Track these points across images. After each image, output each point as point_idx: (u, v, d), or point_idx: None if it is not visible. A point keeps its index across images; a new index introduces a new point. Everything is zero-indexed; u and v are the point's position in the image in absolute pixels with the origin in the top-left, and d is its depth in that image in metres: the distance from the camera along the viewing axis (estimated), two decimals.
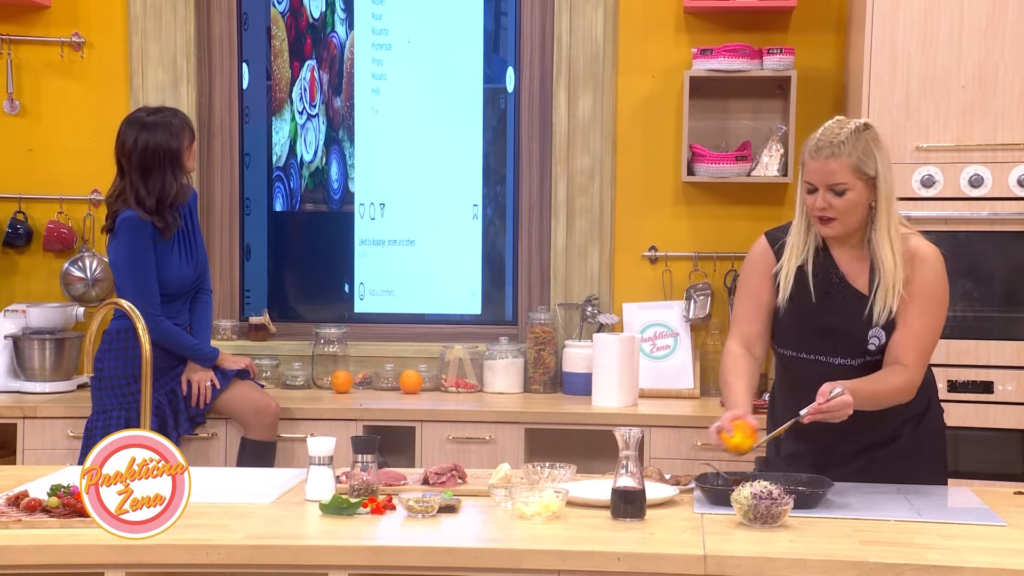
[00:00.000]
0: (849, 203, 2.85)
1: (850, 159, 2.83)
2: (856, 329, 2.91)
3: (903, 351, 2.88)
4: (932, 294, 2.90)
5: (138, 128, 3.95)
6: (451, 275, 4.99)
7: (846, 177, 2.84)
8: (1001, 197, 4.01)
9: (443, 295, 5.00)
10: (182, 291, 4.04)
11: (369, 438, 2.80)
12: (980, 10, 3.97)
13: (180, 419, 4.02)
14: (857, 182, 2.84)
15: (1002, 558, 2.37)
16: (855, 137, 2.84)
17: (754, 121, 4.59)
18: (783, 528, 2.55)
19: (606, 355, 4.25)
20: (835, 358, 2.94)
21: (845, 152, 2.83)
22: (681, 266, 4.67)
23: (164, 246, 3.95)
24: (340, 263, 5.04)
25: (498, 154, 4.94)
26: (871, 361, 2.92)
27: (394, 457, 4.29)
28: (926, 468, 3.00)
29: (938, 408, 3.08)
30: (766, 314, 3.02)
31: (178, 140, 3.95)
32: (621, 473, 2.62)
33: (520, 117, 4.82)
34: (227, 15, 4.88)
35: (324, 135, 5.03)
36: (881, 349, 2.91)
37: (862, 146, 2.84)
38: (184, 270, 4.01)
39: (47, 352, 4.52)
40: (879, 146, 2.87)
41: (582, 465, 3.19)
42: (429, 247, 4.99)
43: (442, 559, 2.43)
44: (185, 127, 4.01)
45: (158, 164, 3.93)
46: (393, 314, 4.99)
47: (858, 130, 2.86)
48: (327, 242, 5.10)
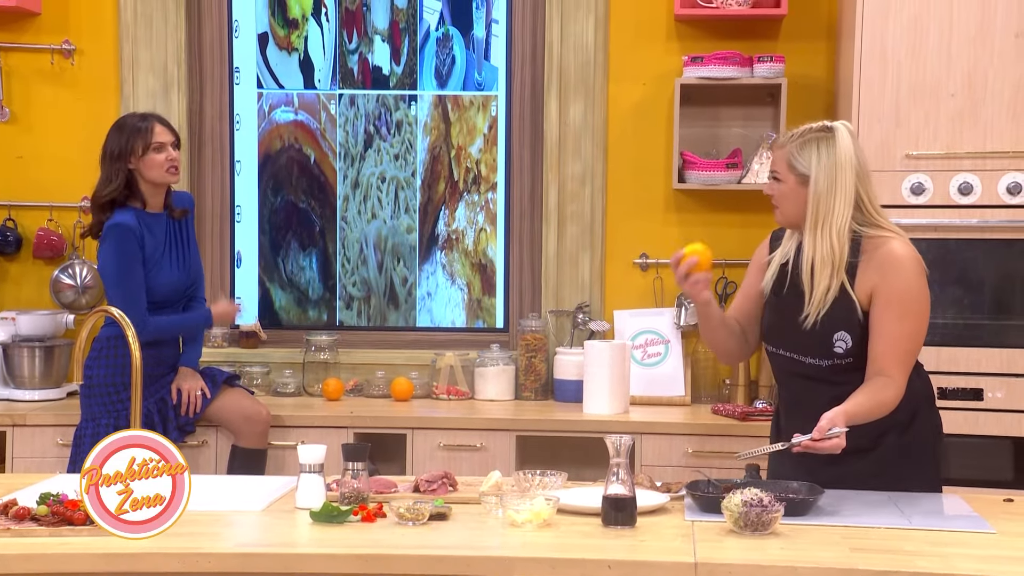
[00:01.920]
0: (780, 193, 2.96)
1: (785, 151, 2.94)
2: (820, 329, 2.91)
3: (884, 361, 2.87)
4: (908, 299, 2.88)
5: (114, 127, 3.98)
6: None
7: (780, 167, 2.96)
8: (990, 205, 4.02)
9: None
10: (173, 299, 4.02)
11: (360, 446, 2.79)
12: (969, 18, 3.98)
13: (169, 427, 4.00)
14: (789, 175, 2.94)
15: (992, 565, 2.38)
16: (805, 135, 2.93)
17: (745, 129, 4.60)
18: (773, 535, 2.55)
19: (597, 362, 4.25)
20: (805, 357, 2.97)
21: (786, 145, 2.94)
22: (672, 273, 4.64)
23: (155, 253, 3.94)
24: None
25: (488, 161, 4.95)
26: (839, 364, 2.93)
27: (385, 465, 4.29)
28: (915, 475, 2.99)
29: (929, 415, 3.05)
30: (752, 301, 3.12)
31: (128, 142, 3.91)
32: (612, 480, 2.62)
33: (511, 124, 4.82)
34: (218, 23, 4.88)
35: None
36: (850, 352, 2.91)
37: (806, 145, 2.91)
38: (175, 277, 4.00)
39: (36, 360, 4.51)
40: (829, 149, 2.89)
41: (573, 472, 3.20)
42: None
43: (433, 567, 2.43)
44: (138, 135, 3.91)
45: (113, 162, 3.92)
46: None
47: (815, 129, 2.94)
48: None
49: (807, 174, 2.90)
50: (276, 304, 5.01)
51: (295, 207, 4.99)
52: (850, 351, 2.91)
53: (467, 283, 4.95)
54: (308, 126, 4.98)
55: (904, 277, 2.88)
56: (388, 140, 4.94)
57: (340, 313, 4.98)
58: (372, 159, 4.95)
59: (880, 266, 2.88)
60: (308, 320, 5.01)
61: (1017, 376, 4.01)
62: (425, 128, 4.93)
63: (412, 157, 4.94)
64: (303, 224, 4.99)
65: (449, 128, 4.92)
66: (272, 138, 4.98)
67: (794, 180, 2.92)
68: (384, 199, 4.95)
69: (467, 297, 4.95)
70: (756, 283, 3.10)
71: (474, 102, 4.90)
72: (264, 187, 4.99)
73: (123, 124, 3.99)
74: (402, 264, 4.96)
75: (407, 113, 4.93)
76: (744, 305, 3.14)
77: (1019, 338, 4.03)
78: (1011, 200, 4.00)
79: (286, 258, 5.01)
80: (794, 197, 2.93)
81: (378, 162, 4.95)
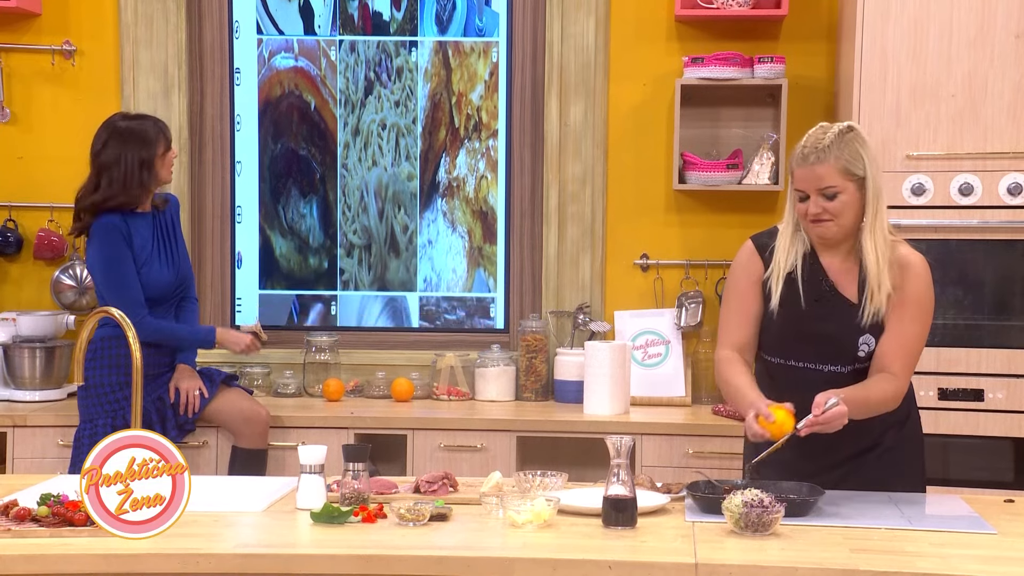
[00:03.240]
0: (842, 204, 2.86)
1: (838, 162, 2.84)
2: (847, 336, 2.91)
3: (891, 359, 2.89)
4: (922, 303, 2.92)
5: (110, 132, 3.96)
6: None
7: (835, 180, 2.85)
8: (991, 205, 4.02)
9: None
10: (163, 298, 4.02)
11: (360, 446, 2.79)
12: (969, 19, 3.98)
13: (168, 427, 4.00)
14: (848, 184, 2.86)
15: (992, 566, 2.38)
16: (840, 140, 2.86)
17: (745, 129, 4.60)
18: (774, 536, 2.55)
19: (598, 363, 4.25)
20: (824, 365, 2.95)
21: (832, 156, 2.84)
22: (672, 274, 4.68)
23: (143, 252, 3.94)
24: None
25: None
26: (860, 368, 2.93)
27: (385, 465, 4.29)
28: (907, 474, 3.01)
29: (917, 415, 3.09)
30: (754, 322, 3.02)
31: (150, 149, 3.94)
32: (612, 481, 2.62)
33: (512, 124, 4.82)
34: (218, 23, 4.88)
35: None
36: (870, 355, 2.92)
37: (848, 148, 2.86)
38: (164, 276, 4.00)
39: (37, 360, 4.51)
40: (865, 147, 2.88)
41: (573, 473, 3.19)
42: None
43: (433, 568, 2.43)
44: (161, 135, 3.99)
45: (125, 168, 3.92)
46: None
47: (842, 132, 2.87)
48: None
49: (863, 175, 2.86)
50: (276, 251, 4.96)
51: (295, 154, 4.93)
52: (870, 353, 2.92)
53: (468, 230, 4.90)
54: (308, 72, 4.93)
55: (921, 282, 2.91)
56: (388, 87, 4.89)
57: (341, 261, 4.93)
58: (372, 106, 4.91)
59: (898, 270, 2.89)
60: (309, 268, 4.95)
61: (1018, 377, 4.01)
62: (426, 75, 4.88)
63: (412, 104, 4.90)
64: (303, 172, 4.93)
65: (450, 75, 4.87)
66: (272, 84, 4.93)
67: (853, 187, 2.86)
68: (385, 146, 4.89)
69: (468, 245, 4.91)
70: (756, 301, 3.00)
71: (475, 48, 4.86)
72: (264, 135, 4.92)
73: (141, 128, 3.96)
74: (403, 212, 4.91)
75: (407, 59, 4.87)
76: (749, 324, 3.02)
77: (1020, 339, 4.03)
78: (1012, 201, 4.00)
79: (286, 206, 4.95)
80: (853, 203, 2.87)
81: (378, 109, 4.89)
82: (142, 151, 3.93)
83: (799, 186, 2.89)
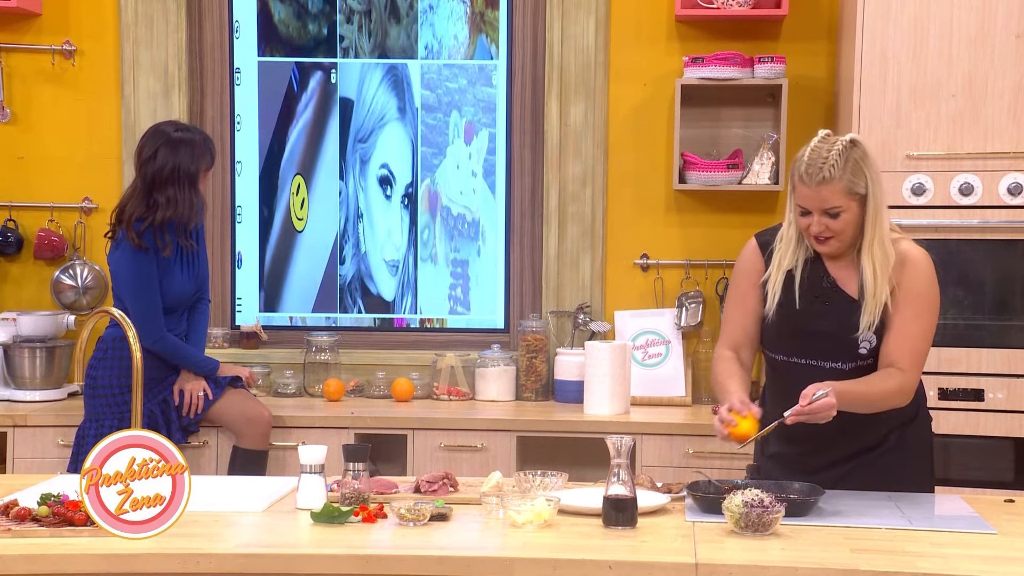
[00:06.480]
0: (844, 223, 2.87)
1: (841, 183, 2.84)
2: (846, 333, 2.92)
3: (898, 355, 2.88)
4: (925, 298, 2.91)
5: (161, 142, 3.95)
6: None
7: (839, 201, 2.85)
8: (991, 205, 4.02)
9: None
10: (180, 304, 4.04)
11: (360, 446, 2.79)
12: (970, 19, 3.98)
13: (172, 428, 4.01)
14: (851, 203, 2.86)
15: (993, 566, 2.38)
16: (843, 158, 2.84)
17: (745, 129, 4.60)
18: (774, 536, 2.55)
19: (598, 363, 4.25)
20: (826, 362, 2.95)
21: (836, 177, 2.83)
22: (673, 274, 4.68)
23: (166, 261, 3.95)
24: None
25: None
26: (863, 365, 2.93)
27: (386, 465, 4.29)
28: (912, 475, 3.01)
29: (926, 416, 3.08)
30: (753, 320, 3.03)
31: (197, 163, 3.96)
32: (613, 481, 2.62)
33: (512, 124, 4.82)
34: (218, 23, 4.88)
35: None
36: (873, 352, 2.92)
37: (851, 167, 2.84)
38: (184, 285, 4.01)
39: (37, 360, 4.51)
40: (867, 162, 2.87)
41: (574, 473, 3.19)
42: None
43: (433, 568, 2.43)
44: (207, 151, 4.01)
45: (175, 183, 3.92)
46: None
47: (846, 149, 2.85)
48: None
49: (865, 193, 2.86)
50: (275, 17, 4.86)
51: None
52: (872, 351, 2.92)
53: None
54: None
55: (922, 277, 2.91)
56: None
57: (340, 27, 4.83)
58: None
59: (900, 266, 2.90)
60: (308, 34, 4.85)
61: (1018, 377, 4.01)
62: None
63: None
64: None
65: None
66: None
67: (856, 205, 2.86)
68: None
69: (470, 11, 4.82)
70: (756, 298, 3.01)
71: None
72: None
73: (190, 140, 3.97)
74: None
75: None
76: (748, 324, 3.04)
77: (1020, 339, 4.03)
78: (1012, 201, 4.01)
79: None
80: (855, 221, 2.88)
81: None
82: (191, 165, 3.94)
83: (802, 203, 2.89)
